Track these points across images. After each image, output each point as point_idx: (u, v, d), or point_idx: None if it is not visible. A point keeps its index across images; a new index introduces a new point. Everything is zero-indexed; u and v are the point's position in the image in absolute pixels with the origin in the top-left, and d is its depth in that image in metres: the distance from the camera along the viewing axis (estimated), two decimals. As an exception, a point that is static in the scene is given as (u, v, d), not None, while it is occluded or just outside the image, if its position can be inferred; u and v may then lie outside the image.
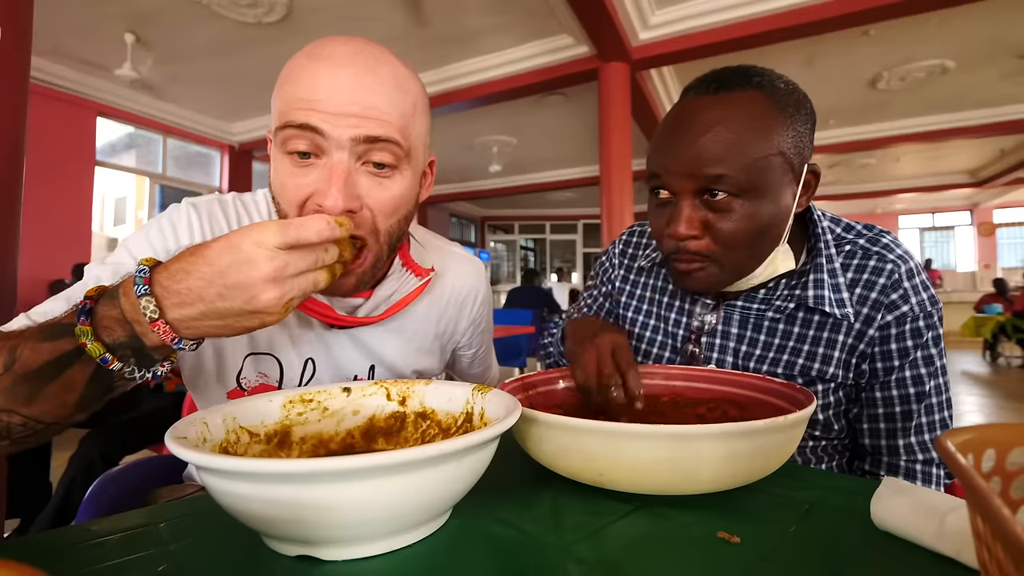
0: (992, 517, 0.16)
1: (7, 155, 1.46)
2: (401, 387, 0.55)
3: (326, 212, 0.50)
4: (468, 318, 0.77)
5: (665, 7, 3.91)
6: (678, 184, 0.61)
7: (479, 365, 0.89)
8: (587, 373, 0.59)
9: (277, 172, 0.53)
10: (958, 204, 11.11)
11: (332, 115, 0.49)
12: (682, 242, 0.62)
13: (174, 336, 0.41)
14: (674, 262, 0.65)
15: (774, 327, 0.70)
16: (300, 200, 0.52)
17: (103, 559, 0.36)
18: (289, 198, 0.52)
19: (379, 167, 0.53)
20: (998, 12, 3.87)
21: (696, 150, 0.59)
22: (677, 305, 0.78)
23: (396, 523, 0.36)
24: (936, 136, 6.37)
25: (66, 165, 4.97)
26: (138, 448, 1.65)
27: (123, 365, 0.41)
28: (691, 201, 0.61)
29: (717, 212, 0.60)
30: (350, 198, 0.51)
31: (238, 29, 4.14)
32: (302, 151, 0.51)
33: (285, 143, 0.51)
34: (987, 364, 6.61)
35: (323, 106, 0.49)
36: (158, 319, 0.40)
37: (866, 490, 0.44)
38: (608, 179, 4.28)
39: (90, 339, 0.40)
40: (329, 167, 0.50)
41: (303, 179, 0.51)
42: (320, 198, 0.50)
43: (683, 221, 0.61)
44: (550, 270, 12.41)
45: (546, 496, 0.47)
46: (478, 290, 0.77)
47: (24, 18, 1.54)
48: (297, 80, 0.51)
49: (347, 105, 0.50)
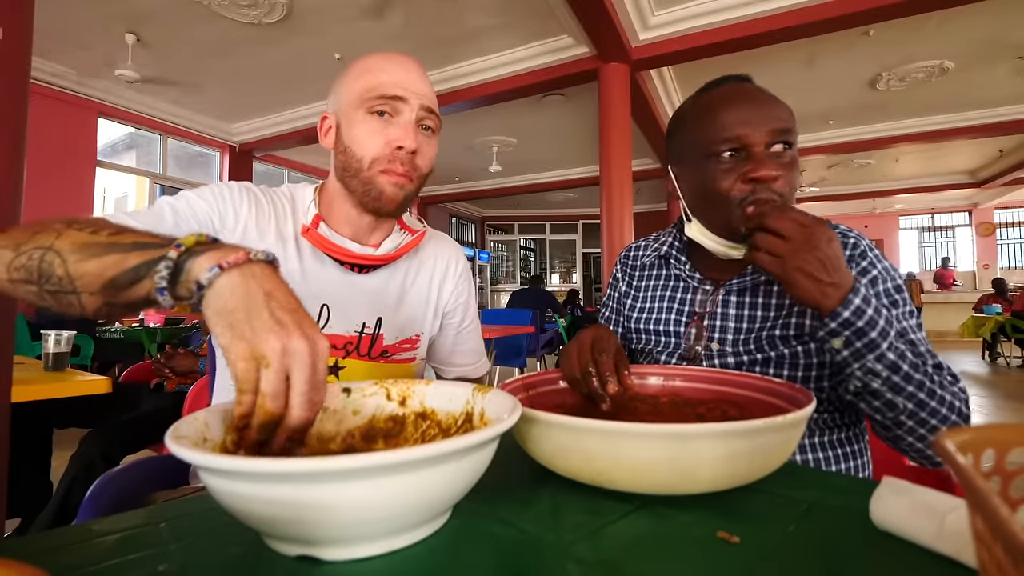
0: (991, 517, 0.16)
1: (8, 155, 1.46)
2: (401, 387, 0.55)
3: (405, 150, 0.72)
4: (452, 281, 0.92)
5: (665, 7, 3.91)
6: (759, 137, 0.70)
7: (464, 343, 0.95)
8: (569, 365, 0.63)
9: (359, 127, 0.72)
10: (957, 204, 11.12)
11: (409, 91, 0.73)
12: (762, 184, 0.69)
13: (225, 266, 0.42)
14: (746, 206, 0.70)
15: (768, 296, 0.76)
16: (381, 145, 0.72)
17: (103, 559, 0.36)
18: (372, 143, 0.72)
19: (426, 129, 0.76)
20: (998, 12, 3.87)
21: (773, 111, 0.71)
22: (679, 296, 0.84)
23: (396, 523, 0.36)
24: (936, 136, 6.37)
25: (67, 165, 4.98)
26: (138, 448, 1.65)
27: (176, 259, 0.44)
28: (767, 152, 0.70)
29: (783, 162, 0.70)
30: (417, 143, 0.73)
31: (238, 29, 4.14)
32: (385, 111, 0.72)
33: (373, 106, 0.72)
34: (986, 364, 6.62)
35: (404, 86, 0.73)
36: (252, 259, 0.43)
37: (866, 490, 0.44)
38: (608, 179, 4.28)
39: (197, 238, 0.45)
40: (404, 123, 0.73)
41: (384, 130, 0.72)
42: (400, 140, 0.71)
43: (769, 165, 0.69)
44: (550, 270, 12.42)
45: (546, 496, 0.47)
46: (458, 257, 0.94)
47: (24, 18, 1.54)
48: (379, 72, 0.73)
49: (417, 87, 0.74)
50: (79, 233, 0.49)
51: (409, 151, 0.72)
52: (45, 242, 0.49)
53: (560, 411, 0.44)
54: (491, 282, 12.32)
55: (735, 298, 0.78)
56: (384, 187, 0.73)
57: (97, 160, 5.31)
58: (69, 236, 0.49)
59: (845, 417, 0.76)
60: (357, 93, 0.73)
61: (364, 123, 0.72)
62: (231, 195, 0.76)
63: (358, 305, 0.80)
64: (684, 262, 0.84)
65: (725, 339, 0.77)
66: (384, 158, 0.72)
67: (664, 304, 0.85)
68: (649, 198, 10.01)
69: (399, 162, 0.72)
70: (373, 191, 0.73)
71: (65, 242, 0.48)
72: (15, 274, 0.49)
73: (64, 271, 0.47)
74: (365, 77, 0.73)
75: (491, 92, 4.87)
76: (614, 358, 0.61)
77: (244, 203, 0.76)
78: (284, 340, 0.39)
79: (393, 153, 0.72)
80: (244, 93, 5.45)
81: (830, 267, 0.59)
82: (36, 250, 0.49)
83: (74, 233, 0.49)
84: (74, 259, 0.47)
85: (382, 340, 0.82)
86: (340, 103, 0.75)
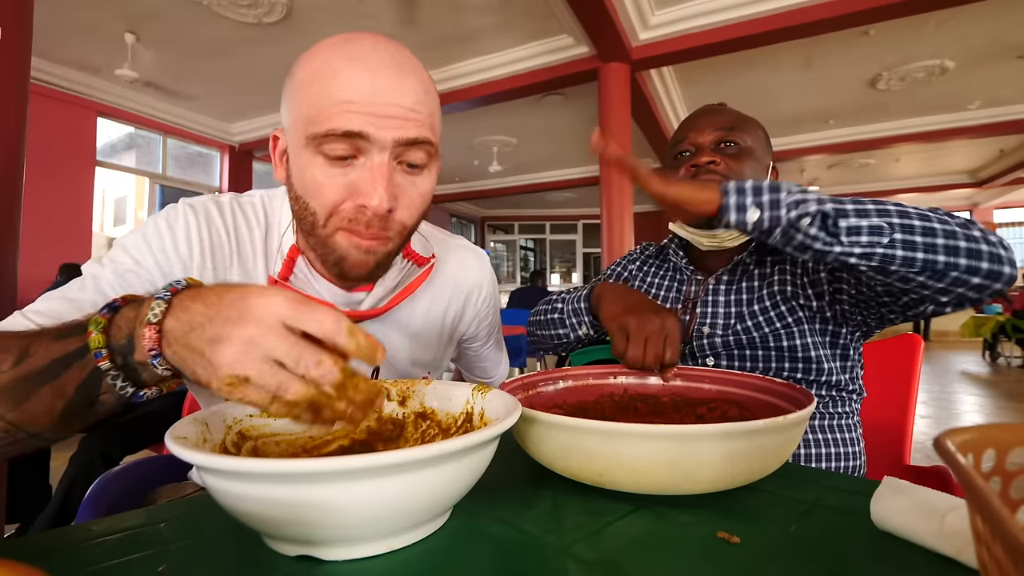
0: (992, 517, 0.16)
1: (7, 155, 1.46)
2: (401, 387, 0.55)
3: (372, 211, 0.51)
4: (473, 310, 0.77)
5: (665, 7, 3.91)
6: (705, 137, 0.84)
7: (486, 359, 0.90)
8: (635, 349, 0.63)
9: (308, 171, 0.52)
10: (958, 204, 11.09)
11: (375, 117, 0.49)
12: (701, 168, 0.82)
13: (155, 347, 0.37)
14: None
15: (751, 278, 0.84)
16: (338, 200, 0.52)
17: (103, 559, 0.36)
18: (326, 197, 0.52)
19: (412, 167, 0.54)
20: (998, 12, 3.87)
21: (719, 118, 0.85)
22: (676, 287, 0.92)
23: (396, 523, 0.36)
24: (936, 136, 6.37)
25: (66, 165, 4.97)
26: (138, 448, 1.65)
27: (111, 367, 0.38)
28: (713, 148, 0.83)
29: (727, 153, 0.82)
30: (392, 198, 0.51)
31: (238, 29, 4.14)
32: (340, 155, 0.50)
33: (321, 145, 0.50)
34: (987, 364, 6.61)
35: (363, 108, 0.49)
36: (156, 323, 0.37)
37: (866, 490, 0.44)
38: (608, 179, 4.28)
39: (98, 330, 0.38)
40: (370, 168, 0.51)
41: (342, 179, 0.51)
42: (364, 198, 0.51)
43: (708, 155, 0.82)
44: (550, 270, 12.41)
45: (546, 496, 0.47)
46: (483, 282, 0.77)
47: (24, 18, 1.54)
48: (331, 80, 0.50)
49: (388, 108, 0.50)
50: None
51: (378, 213, 0.51)
52: None
53: (560, 411, 0.45)
54: (491, 282, 12.31)
55: (724, 286, 0.86)
56: (347, 251, 0.54)
57: (97, 160, 5.31)
58: None
59: (833, 390, 0.79)
60: (299, 118, 0.52)
61: (313, 166, 0.51)
62: (176, 244, 0.58)
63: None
64: (682, 256, 0.92)
65: (716, 324, 0.84)
66: (344, 214, 0.52)
67: (662, 293, 0.93)
68: (649, 198, 9.99)
69: (364, 224, 0.52)
70: (332, 256, 0.55)
71: None
72: None
73: (3, 423, 0.39)
74: (308, 92, 0.51)
75: (491, 92, 4.86)
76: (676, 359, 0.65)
77: (195, 248, 0.59)
78: (228, 348, 0.34)
79: (357, 209, 0.52)
80: (244, 93, 5.44)
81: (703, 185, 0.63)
82: None
83: None
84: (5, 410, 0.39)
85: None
86: (287, 122, 0.55)
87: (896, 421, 0.97)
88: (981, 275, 0.57)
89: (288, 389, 0.34)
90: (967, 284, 0.58)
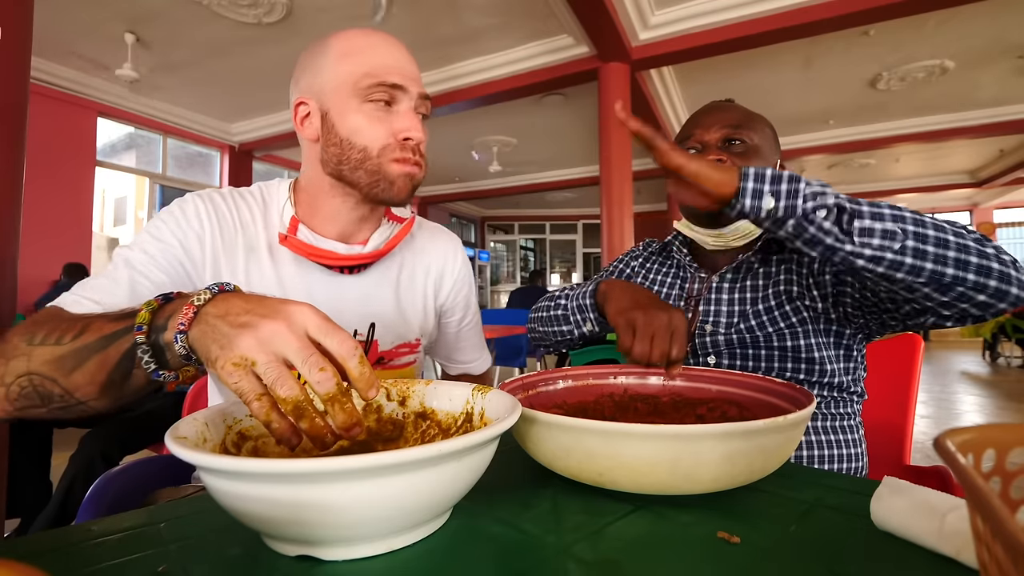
0: (992, 517, 0.16)
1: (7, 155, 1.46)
2: (401, 387, 0.55)
3: (414, 142, 0.68)
4: (451, 277, 0.87)
5: (665, 7, 3.91)
6: (711, 135, 0.83)
7: (464, 340, 0.94)
8: (641, 345, 0.64)
9: (355, 117, 0.67)
10: (958, 204, 11.10)
11: (404, 76, 0.68)
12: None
13: (185, 323, 0.41)
14: None
15: (755, 277, 0.84)
16: (385, 135, 0.67)
17: (103, 559, 0.36)
18: (376, 132, 0.67)
19: (424, 118, 0.71)
20: (998, 12, 3.87)
21: (724, 115, 0.84)
22: (679, 284, 0.92)
23: (396, 523, 0.36)
24: (936, 136, 6.37)
25: (66, 165, 4.97)
26: (138, 448, 1.65)
27: (144, 342, 0.43)
28: (719, 145, 0.84)
29: (733, 151, 0.82)
30: (423, 133, 0.70)
31: (238, 29, 4.14)
32: (385, 100, 0.67)
33: (370, 94, 0.66)
34: (987, 364, 6.61)
35: (397, 70, 0.68)
36: (197, 305, 0.42)
37: (866, 490, 0.44)
38: (608, 179, 4.28)
39: (148, 309, 0.44)
40: (406, 111, 0.69)
41: (383, 121, 0.68)
42: (407, 132, 0.68)
43: (714, 153, 0.82)
44: (550, 270, 12.41)
45: (546, 496, 0.47)
46: (455, 250, 0.89)
47: (24, 18, 1.54)
48: (371, 52, 0.68)
49: (412, 71, 0.70)
50: (44, 348, 0.48)
51: (418, 142, 0.69)
52: (20, 369, 0.48)
53: (560, 411, 0.45)
54: (491, 282, 12.31)
55: (727, 284, 0.86)
56: (396, 176, 0.68)
57: (97, 160, 5.31)
58: (38, 355, 0.47)
59: (835, 391, 0.79)
60: (346, 79, 0.67)
61: (361, 112, 0.67)
62: (188, 221, 0.69)
63: (347, 310, 0.74)
64: (685, 254, 0.92)
65: (719, 322, 0.84)
66: (393, 147, 0.68)
67: (664, 290, 0.93)
68: (649, 198, 10.00)
69: (410, 151, 0.69)
70: (383, 181, 0.69)
71: (38, 363, 0.47)
72: (18, 403, 0.48)
73: (60, 388, 0.47)
74: (352, 60, 0.67)
75: (491, 92, 4.86)
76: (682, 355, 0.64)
77: (206, 224, 0.70)
78: (253, 333, 0.37)
79: (402, 143, 0.68)
80: (244, 93, 5.44)
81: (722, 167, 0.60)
82: (20, 378, 0.48)
83: (40, 350, 0.48)
84: (61, 376, 0.46)
85: (377, 347, 0.77)
86: (323, 88, 0.68)
87: (896, 421, 0.97)
88: (987, 293, 0.57)
89: (284, 384, 0.37)
90: (972, 300, 0.58)
